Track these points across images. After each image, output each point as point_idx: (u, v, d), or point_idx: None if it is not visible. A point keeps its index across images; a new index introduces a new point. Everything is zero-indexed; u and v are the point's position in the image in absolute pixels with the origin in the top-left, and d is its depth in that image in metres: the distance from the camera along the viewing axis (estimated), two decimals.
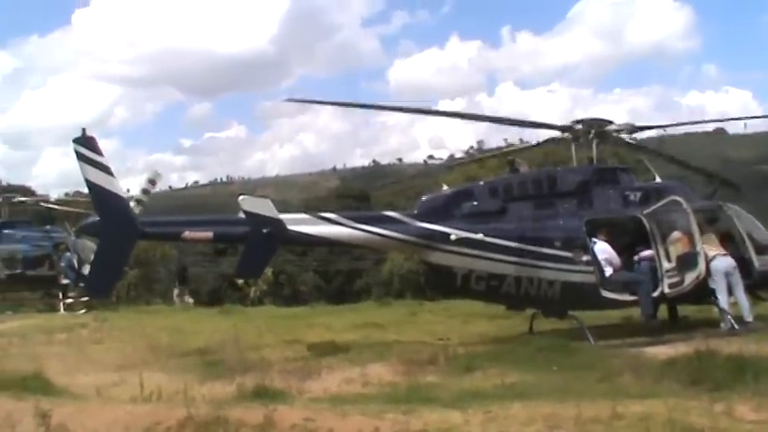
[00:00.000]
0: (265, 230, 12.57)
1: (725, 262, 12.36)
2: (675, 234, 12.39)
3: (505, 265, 12.71)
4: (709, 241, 12.47)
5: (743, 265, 12.54)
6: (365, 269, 48.97)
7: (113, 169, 12.84)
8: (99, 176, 12.58)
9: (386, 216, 13.73)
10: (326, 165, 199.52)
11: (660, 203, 12.74)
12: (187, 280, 28.85)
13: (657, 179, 14.61)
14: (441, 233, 12.96)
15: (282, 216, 13.00)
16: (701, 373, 8.43)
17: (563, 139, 14.07)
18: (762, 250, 12.90)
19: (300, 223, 13.27)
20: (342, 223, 13.31)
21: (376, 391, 9.41)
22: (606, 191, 13.36)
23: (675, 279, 12.22)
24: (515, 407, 6.80)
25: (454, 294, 15.79)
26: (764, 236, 13.29)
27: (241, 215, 12.84)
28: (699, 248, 12.05)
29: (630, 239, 13.24)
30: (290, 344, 13.87)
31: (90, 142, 12.77)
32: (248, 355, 12.19)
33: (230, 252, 39.25)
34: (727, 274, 12.33)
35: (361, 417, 6.70)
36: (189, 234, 13.31)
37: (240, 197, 13.09)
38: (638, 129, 14.31)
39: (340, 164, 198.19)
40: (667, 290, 12.26)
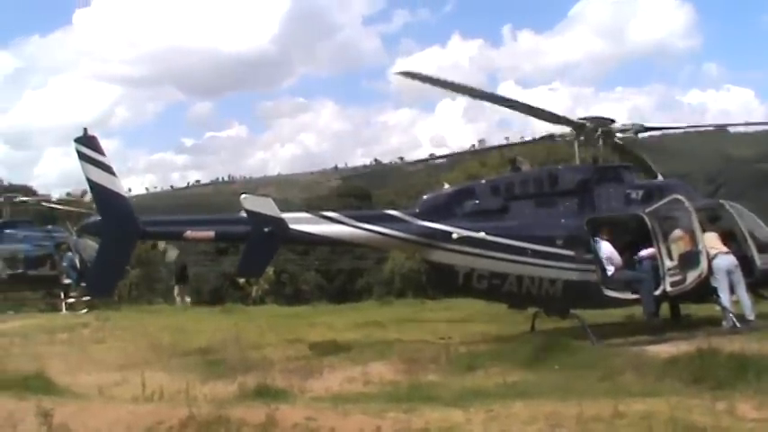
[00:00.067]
0: (267, 229, 12.57)
1: (727, 260, 12.33)
2: (677, 232, 12.37)
3: (507, 264, 12.69)
4: (711, 239, 12.46)
5: (745, 263, 12.51)
6: (367, 268, 48.92)
7: (115, 169, 12.86)
8: (101, 176, 12.59)
9: (387, 215, 13.72)
10: (328, 164, 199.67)
11: (662, 202, 12.72)
12: (186, 279, 28.70)
13: (660, 177, 14.59)
14: (442, 232, 12.95)
15: (284, 215, 13.01)
16: (702, 371, 8.43)
17: (562, 136, 14.04)
18: (764, 248, 12.86)
19: (302, 222, 13.28)
20: (343, 222, 13.31)
21: (377, 390, 9.41)
22: (608, 189, 13.33)
23: (677, 277, 12.20)
24: (517, 406, 6.80)
25: (456, 293, 15.78)
26: (766, 234, 13.26)
27: (243, 214, 12.85)
28: (701, 247, 12.03)
29: (632, 238, 13.22)
30: (291, 343, 13.87)
31: (91, 142, 12.78)
32: (250, 354, 12.21)
33: (232, 251, 39.23)
34: (729, 272, 12.30)
35: (363, 416, 6.70)
36: (190, 233, 13.31)
37: (242, 196, 13.09)
38: (646, 129, 14.29)
39: (341, 163, 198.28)
40: (669, 288, 12.24)
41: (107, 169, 12.69)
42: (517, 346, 11.59)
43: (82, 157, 12.61)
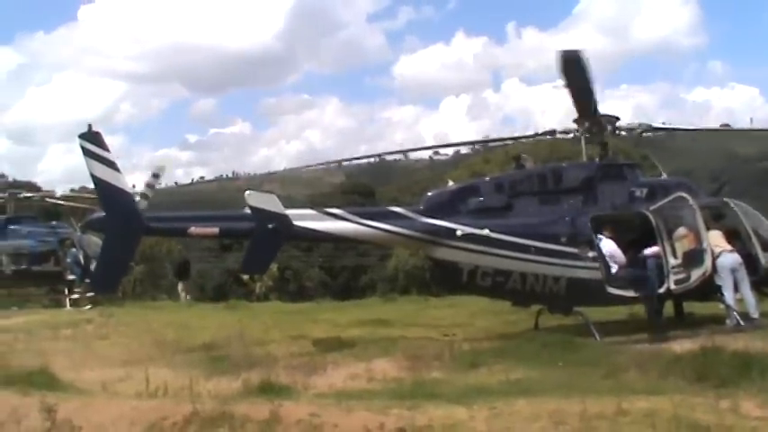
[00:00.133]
0: (271, 226, 12.59)
1: (731, 258, 12.30)
2: (681, 230, 12.34)
3: (511, 261, 12.69)
4: (716, 238, 12.42)
5: (749, 261, 12.47)
6: (370, 265, 48.99)
7: (119, 165, 12.89)
8: (105, 172, 12.63)
9: (391, 212, 13.72)
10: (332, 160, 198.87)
11: (666, 200, 12.69)
12: (188, 275, 28.65)
13: (664, 175, 14.56)
14: (446, 229, 12.95)
15: (288, 211, 13.02)
16: (706, 369, 8.43)
17: (565, 132, 14.00)
18: None
19: (306, 219, 13.29)
20: (347, 219, 13.32)
21: (381, 386, 9.43)
22: (612, 187, 13.31)
23: (681, 275, 12.17)
24: (520, 403, 6.79)
25: (460, 290, 15.79)
26: None
27: (247, 211, 12.85)
28: (705, 245, 12.00)
29: (636, 236, 13.19)
30: (295, 339, 13.89)
31: (96, 138, 12.82)
32: (254, 350, 12.21)
33: (236, 248, 39.29)
34: (734, 270, 12.27)
35: (367, 412, 6.71)
36: (195, 229, 13.34)
37: (246, 192, 13.08)
38: (654, 129, 14.26)
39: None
40: (673, 286, 12.22)
41: (111, 165, 12.72)
42: (521, 343, 11.59)
43: (86, 153, 12.65)
